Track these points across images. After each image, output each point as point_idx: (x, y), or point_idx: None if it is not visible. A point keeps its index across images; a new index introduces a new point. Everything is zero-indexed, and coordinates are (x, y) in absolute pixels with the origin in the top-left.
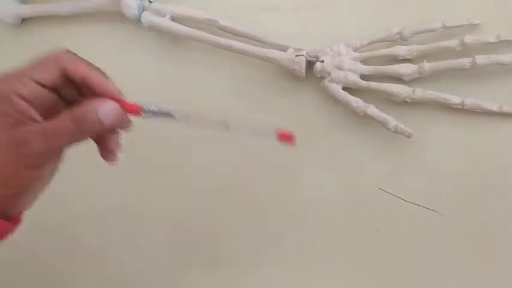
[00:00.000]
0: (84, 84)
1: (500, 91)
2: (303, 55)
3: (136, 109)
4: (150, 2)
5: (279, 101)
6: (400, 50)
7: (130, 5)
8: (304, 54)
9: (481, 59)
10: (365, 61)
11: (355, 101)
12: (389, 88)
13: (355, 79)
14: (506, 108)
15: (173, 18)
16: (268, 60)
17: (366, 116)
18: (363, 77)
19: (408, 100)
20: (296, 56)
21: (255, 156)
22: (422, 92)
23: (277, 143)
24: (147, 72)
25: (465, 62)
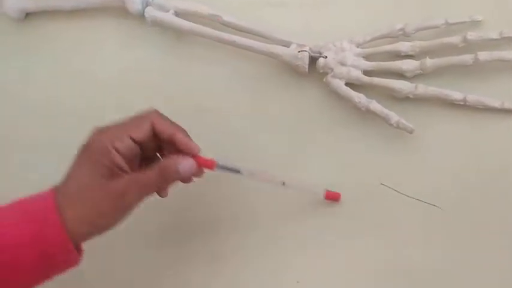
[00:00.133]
0: (170, 141)
1: (502, 87)
2: (306, 51)
3: (211, 164)
4: None
5: (281, 97)
6: (403, 46)
7: (134, 0)
8: (307, 49)
9: (483, 56)
10: (368, 57)
11: (358, 97)
12: (391, 84)
13: (358, 75)
14: (508, 104)
15: (177, 14)
16: (271, 55)
17: (368, 111)
18: (366, 72)
19: (410, 96)
20: (299, 51)
21: (257, 152)
22: (424, 88)
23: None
24: (151, 67)
25: (467, 58)
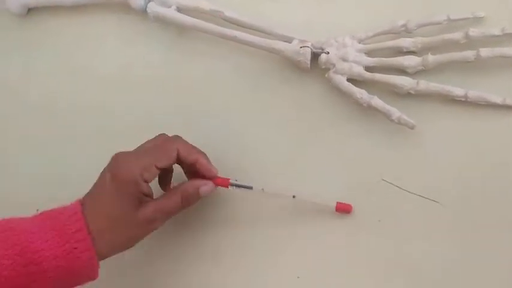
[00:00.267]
0: (191, 165)
1: (504, 84)
2: (308, 46)
3: (226, 183)
4: None
5: (283, 92)
6: (405, 42)
7: None
8: (309, 45)
9: (485, 52)
10: (370, 53)
11: (360, 93)
12: (393, 80)
13: (360, 71)
14: (510, 100)
15: (179, 9)
16: (273, 51)
17: (370, 107)
18: (368, 68)
19: (412, 92)
20: (301, 47)
21: (258, 147)
22: (426, 84)
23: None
24: (153, 62)
25: (469, 54)
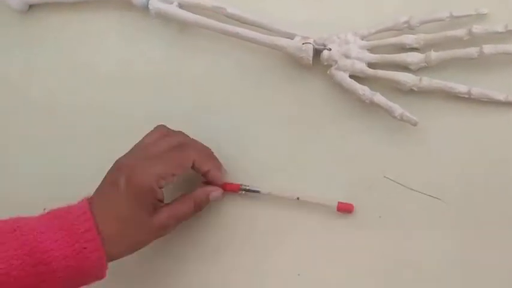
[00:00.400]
0: (205, 175)
1: (507, 81)
2: (310, 43)
3: (236, 188)
4: None
5: (285, 89)
6: (408, 38)
7: None
8: (312, 42)
9: (488, 49)
10: (372, 49)
11: (362, 89)
12: (396, 76)
13: (362, 67)
14: None
15: (180, 6)
16: (275, 47)
17: (372, 104)
18: (370, 65)
19: (415, 89)
20: (303, 43)
21: (260, 144)
22: (428, 80)
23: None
24: (154, 59)
25: (472, 51)
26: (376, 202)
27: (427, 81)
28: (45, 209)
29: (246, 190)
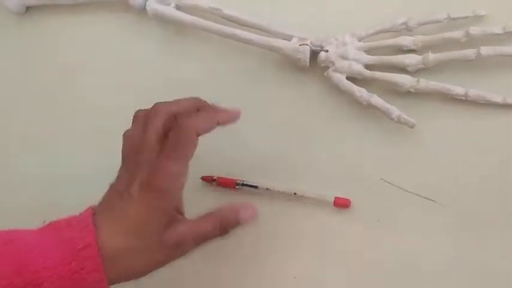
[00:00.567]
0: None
1: (504, 83)
2: (307, 44)
3: (233, 183)
4: None
5: (282, 90)
6: (405, 40)
7: None
8: (309, 43)
9: (485, 50)
10: (370, 51)
11: (359, 91)
12: (393, 78)
13: (360, 69)
14: (510, 99)
15: (178, 7)
16: (272, 49)
17: (370, 105)
18: (367, 66)
19: (412, 90)
20: (300, 45)
21: (257, 146)
22: (426, 82)
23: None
24: (151, 60)
25: (470, 53)
26: (373, 205)
27: (425, 83)
28: (44, 221)
29: (243, 185)
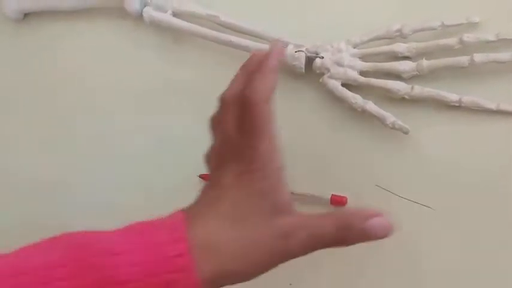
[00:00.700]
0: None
1: (498, 89)
2: (302, 51)
3: None
4: None
5: (278, 97)
6: (400, 47)
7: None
8: (304, 50)
9: (479, 57)
10: (364, 58)
11: (354, 97)
12: (388, 85)
13: (355, 75)
14: (504, 106)
15: (174, 14)
16: None
17: (365, 112)
18: (362, 73)
19: (406, 97)
20: (296, 51)
21: None
22: (420, 89)
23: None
24: (148, 67)
25: (463, 60)
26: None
27: (419, 89)
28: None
29: None
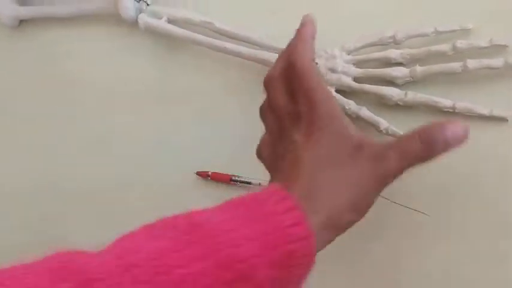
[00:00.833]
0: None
1: (491, 95)
2: None
3: (227, 178)
4: (148, 4)
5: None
6: (393, 53)
7: (128, 6)
8: None
9: (472, 63)
10: (358, 64)
11: (348, 103)
12: (381, 91)
13: (349, 81)
14: (497, 112)
15: (169, 21)
16: (262, 62)
17: (358, 118)
18: (356, 79)
19: (400, 103)
20: None
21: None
22: (414, 95)
23: None
24: (143, 73)
25: (457, 66)
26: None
27: (413, 95)
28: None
29: (237, 181)
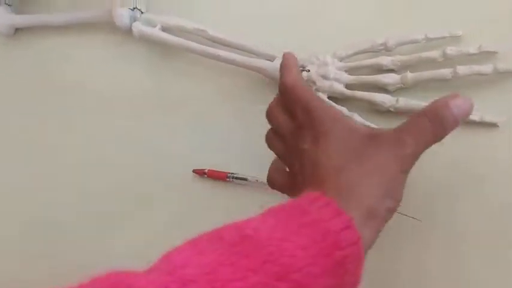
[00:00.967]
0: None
1: (481, 101)
2: None
3: (224, 175)
4: (142, 12)
5: (263, 110)
6: (384, 60)
7: (122, 14)
8: None
9: (462, 70)
10: (350, 71)
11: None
12: (373, 97)
13: (341, 88)
14: (487, 117)
15: (163, 28)
16: (255, 69)
17: None
18: (348, 86)
19: (392, 109)
20: None
21: (242, 165)
22: (405, 101)
23: None
24: (138, 81)
25: (447, 72)
26: None
27: (404, 102)
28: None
29: (233, 178)
